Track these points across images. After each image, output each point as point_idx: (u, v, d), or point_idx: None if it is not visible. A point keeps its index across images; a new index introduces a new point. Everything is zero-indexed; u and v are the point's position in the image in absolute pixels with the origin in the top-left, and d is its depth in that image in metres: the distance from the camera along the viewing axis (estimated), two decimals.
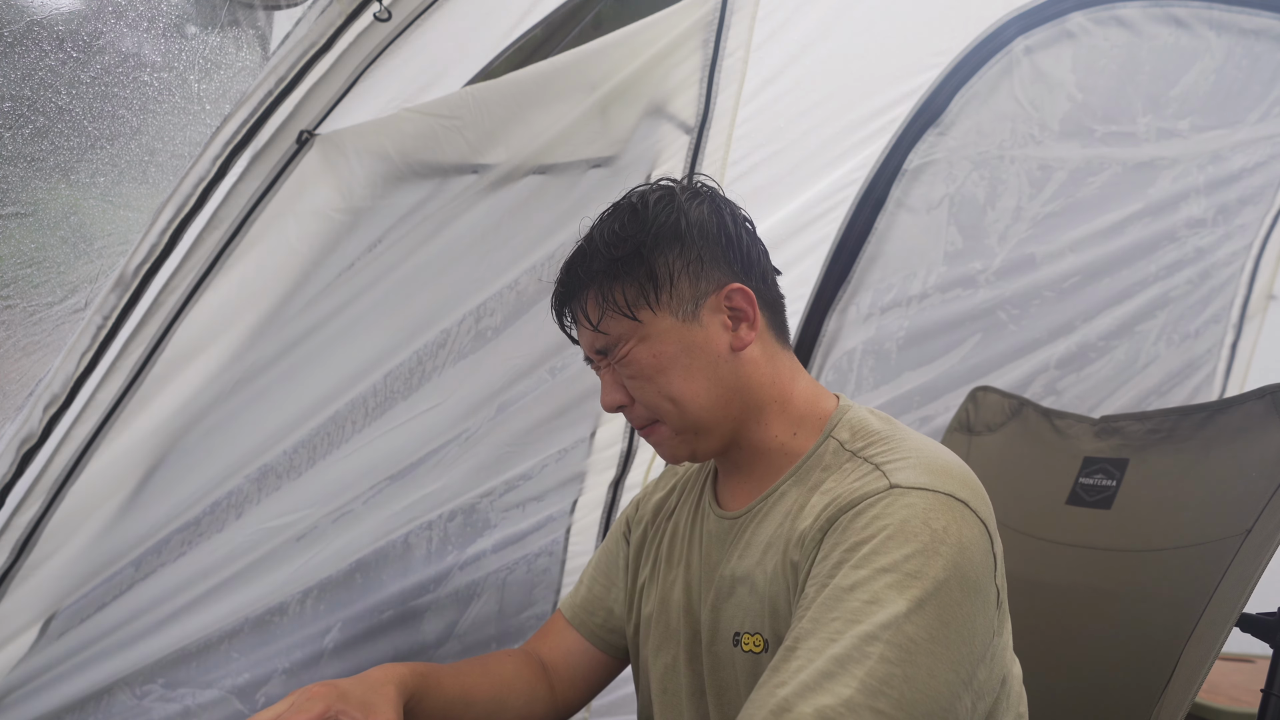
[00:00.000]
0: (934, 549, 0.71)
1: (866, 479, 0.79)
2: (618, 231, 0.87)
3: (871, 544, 0.72)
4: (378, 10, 1.16)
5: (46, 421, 1.15)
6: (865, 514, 0.74)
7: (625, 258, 0.85)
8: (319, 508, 1.40)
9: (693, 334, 0.86)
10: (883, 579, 0.70)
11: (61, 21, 1.00)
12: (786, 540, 0.82)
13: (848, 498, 0.78)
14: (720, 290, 0.87)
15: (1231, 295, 2.19)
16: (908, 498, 0.74)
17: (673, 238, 0.86)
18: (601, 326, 0.87)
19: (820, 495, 0.82)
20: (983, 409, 1.45)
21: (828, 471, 0.85)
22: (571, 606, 1.13)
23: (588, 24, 1.42)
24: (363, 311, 1.34)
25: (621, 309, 0.85)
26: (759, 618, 0.83)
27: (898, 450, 0.81)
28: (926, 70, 1.73)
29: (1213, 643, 0.91)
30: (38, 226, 1.06)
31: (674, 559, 0.99)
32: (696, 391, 0.86)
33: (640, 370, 0.86)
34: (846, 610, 0.70)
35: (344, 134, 1.24)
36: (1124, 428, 1.24)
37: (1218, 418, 1.13)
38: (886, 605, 0.68)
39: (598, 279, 0.87)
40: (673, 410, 0.87)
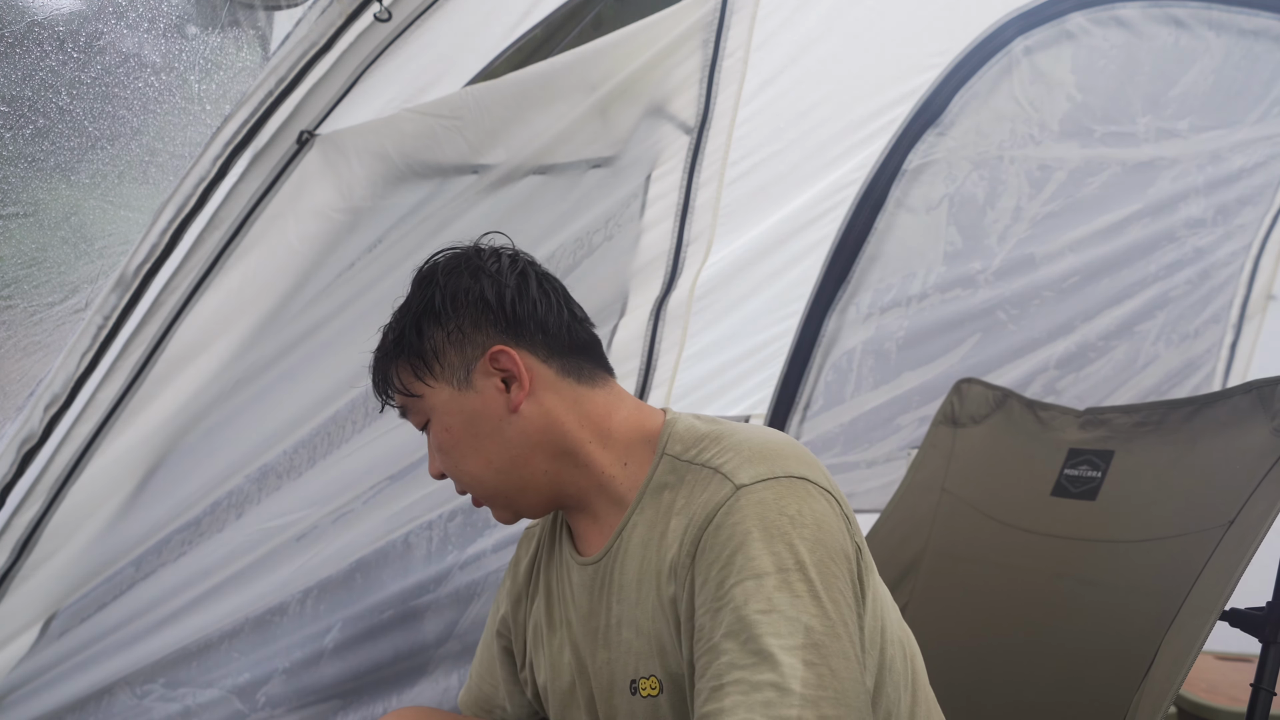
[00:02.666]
0: (797, 535, 0.72)
1: (711, 487, 0.78)
2: (395, 318, 0.91)
3: (742, 552, 0.72)
4: (378, 10, 1.16)
5: (47, 421, 1.15)
6: (724, 525, 0.74)
7: (399, 337, 0.88)
8: (319, 508, 1.40)
9: (470, 401, 0.86)
10: (768, 583, 0.70)
11: (62, 22, 1.00)
12: (657, 574, 0.80)
13: (702, 513, 0.77)
14: (485, 354, 0.86)
15: (1231, 295, 2.19)
16: (755, 494, 0.74)
17: (432, 313, 0.87)
18: (397, 402, 0.90)
19: (676, 518, 0.80)
20: (967, 401, 1.45)
21: (674, 490, 0.83)
22: (469, 705, 1.10)
23: (588, 24, 1.43)
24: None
25: (398, 387, 0.89)
26: (649, 659, 0.81)
27: (728, 447, 0.81)
28: (926, 70, 1.73)
29: (1195, 633, 0.92)
30: (38, 227, 1.07)
31: (554, 622, 0.95)
32: (488, 460, 0.87)
33: (439, 444, 0.89)
34: (751, 629, 0.69)
35: (344, 134, 1.24)
36: (1110, 419, 1.24)
37: (1205, 411, 1.13)
38: (783, 609, 0.69)
39: (381, 363, 0.91)
40: (472, 483, 0.89)
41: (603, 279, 1.53)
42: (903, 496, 1.43)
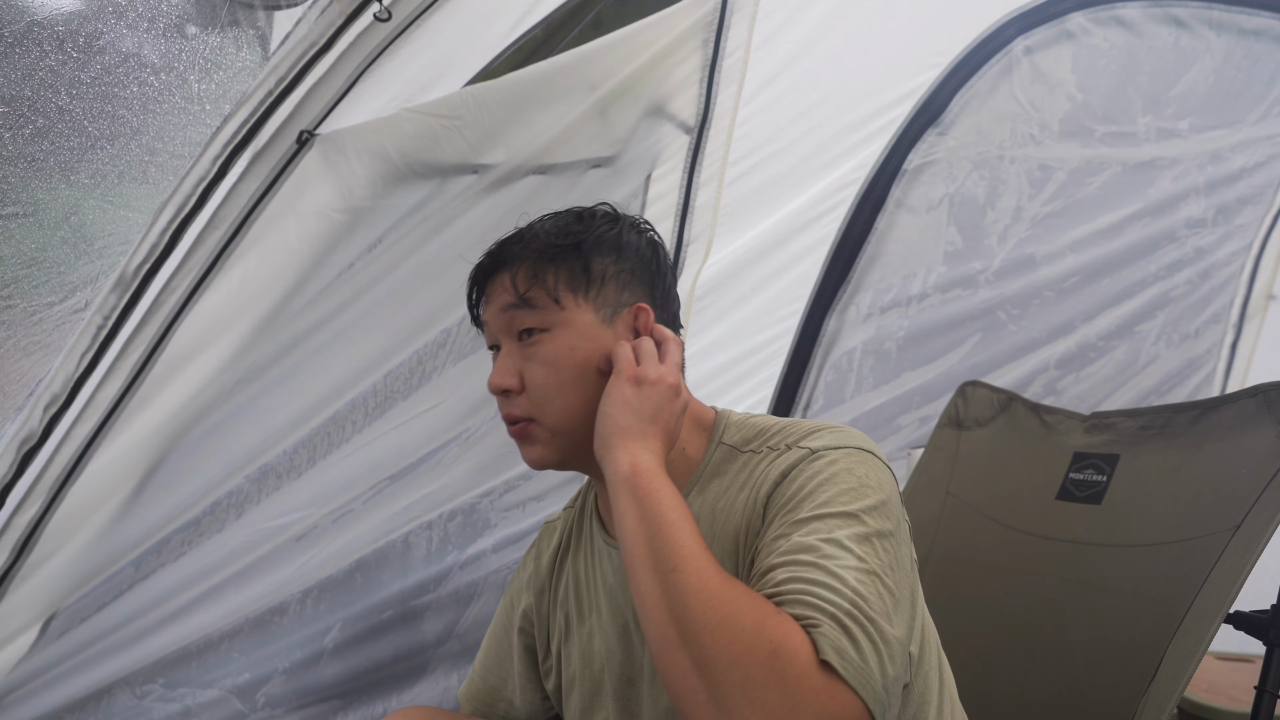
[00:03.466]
0: (867, 496, 0.76)
1: (782, 456, 0.82)
2: (561, 227, 0.91)
3: (813, 498, 0.75)
4: (378, 10, 1.16)
5: (47, 421, 1.15)
6: (798, 477, 0.78)
7: (566, 247, 0.89)
8: (319, 508, 1.40)
9: (604, 339, 0.88)
10: (834, 523, 0.72)
11: (62, 22, 1.00)
12: (721, 549, 0.82)
13: (776, 472, 0.80)
14: (632, 306, 0.90)
15: (1231, 295, 2.19)
16: (828, 456, 0.79)
17: (612, 246, 0.91)
18: (529, 298, 0.87)
19: (742, 493, 0.84)
20: (971, 404, 1.45)
21: (733, 475, 0.86)
22: (471, 699, 1.09)
23: (588, 24, 1.42)
24: (363, 311, 1.34)
25: (550, 289, 0.87)
26: None
27: (791, 429, 0.86)
28: (926, 70, 1.73)
29: (1200, 637, 0.91)
30: (38, 227, 1.06)
31: (584, 610, 0.96)
32: (586, 398, 0.86)
33: (551, 357, 0.86)
34: (814, 551, 0.70)
35: (344, 134, 1.24)
36: (1116, 424, 1.24)
37: (1210, 415, 1.13)
38: (850, 548, 0.71)
39: (534, 257, 0.89)
40: (559, 410, 0.87)
41: None
42: (907, 499, 1.43)
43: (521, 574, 1.08)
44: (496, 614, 1.10)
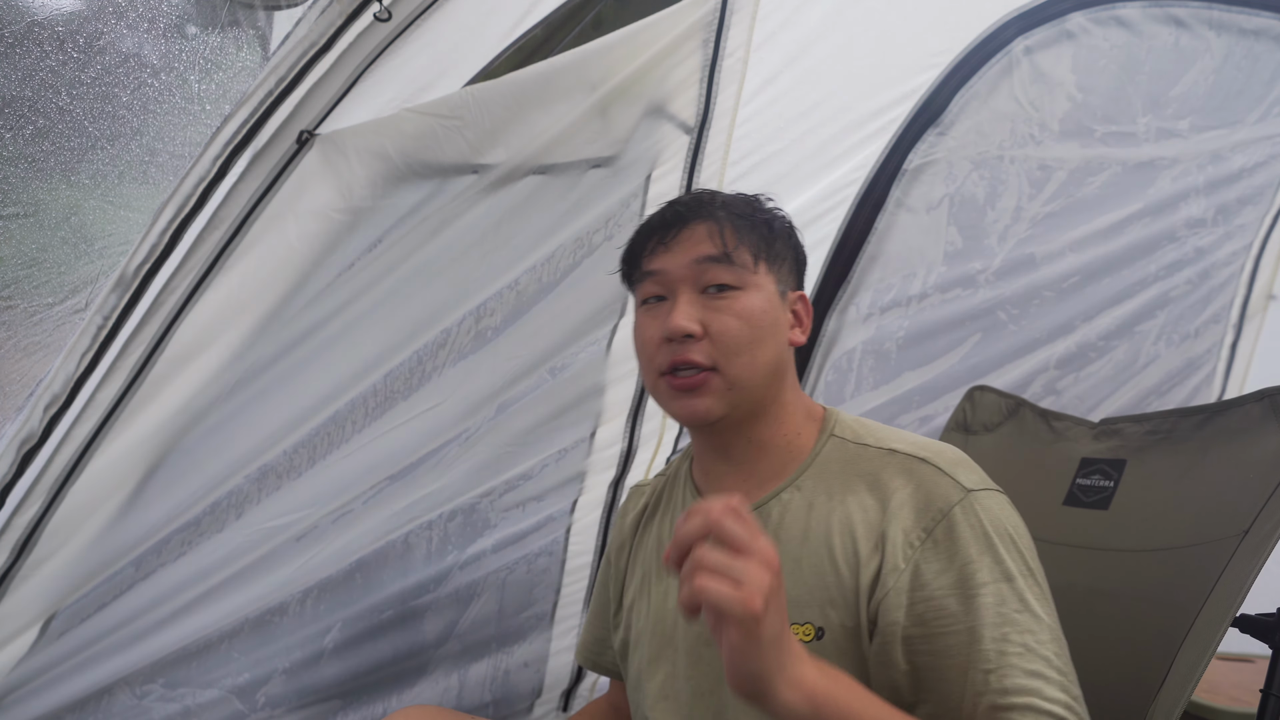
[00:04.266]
0: (1023, 546, 0.84)
1: (928, 478, 0.86)
2: (751, 202, 0.98)
3: (990, 554, 0.82)
4: (378, 10, 1.16)
5: (47, 421, 1.15)
6: (962, 523, 0.83)
7: (762, 220, 0.96)
8: (319, 508, 1.40)
9: (780, 309, 0.95)
10: (1018, 584, 0.81)
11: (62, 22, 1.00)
12: (844, 534, 0.87)
13: (928, 502, 0.85)
14: (795, 290, 0.99)
15: (1231, 295, 2.19)
16: (984, 501, 0.85)
17: (789, 233, 1.00)
18: (733, 254, 0.92)
19: (870, 495, 0.88)
20: (980, 409, 1.45)
21: (851, 465, 0.91)
22: (582, 651, 1.21)
23: (587, 24, 1.42)
24: (363, 312, 1.34)
25: (750, 248, 0.93)
26: (806, 609, 0.87)
27: (911, 441, 0.91)
28: (926, 70, 1.73)
29: (1208, 643, 0.91)
30: (38, 227, 1.07)
31: (665, 569, 0.98)
32: (769, 357, 0.92)
33: (746, 312, 0.91)
34: (1013, 625, 0.79)
35: (344, 134, 1.24)
36: (1122, 429, 1.24)
37: (1216, 419, 1.13)
38: (1034, 608, 0.80)
39: (735, 220, 0.94)
40: (745, 363, 0.90)
41: (603, 279, 1.53)
42: None
43: (612, 543, 1.16)
44: (599, 572, 1.19)
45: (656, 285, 0.95)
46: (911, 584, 0.82)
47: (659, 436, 1.76)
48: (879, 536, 0.85)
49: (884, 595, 0.83)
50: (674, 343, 0.91)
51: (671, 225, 0.94)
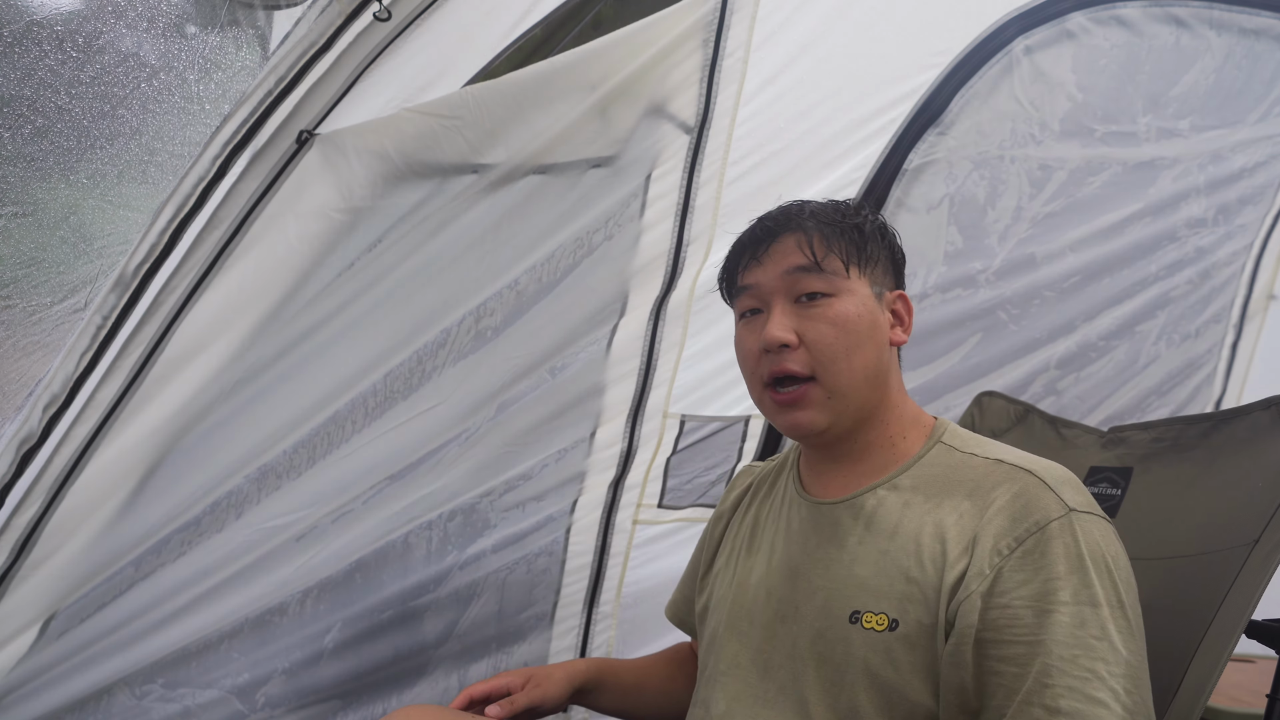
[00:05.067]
0: (1119, 576, 0.82)
1: (1030, 490, 0.85)
2: (839, 208, 0.99)
3: (1079, 575, 0.80)
4: (377, 10, 1.16)
5: (46, 421, 1.15)
6: (1058, 540, 0.81)
7: (851, 225, 0.96)
8: (319, 508, 1.40)
9: (876, 312, 0.95)
10: (1102, 613, 0.79)
11: (61, 22, 1.00)
12: (936, 534, 0.87)
13: (1026, 512, 0.84)
14: (893, 290, 1.00)
15: (1232, 295, 2.19)
16: (1085, 524, 0.83)
17: (883, 232, 1.00)
18: (823, 262, 0.93)
19: (971, 500, 0.88)
20: (988, 414, 1.44)
21: (953, 471, 0.92)
22: (672, 607, 1.26)
23: (587, 24, 1.42)
24: (363, 311, 1.34)
25: (840, 255, 0.94)
26: (884, 599, 0.88)
27: (1023, 457, 0.90)
28: (926, 70, 1.73)
29: (1222, 652, 0.90)
30: (37, 226, 1.07)
31: (755, 547, 1.05)
32: (868, 361, 0.93)
33: (841, 319, 0.92)
34: (1088, 650, 0.77)
35: (344, 134, 1.24)
36: (1129, 437, 1.23)
37: (1223, 427, 1.12)
38: (1113, 639, 0.78)
39: (823, 228, 0.95)
40: (843, 370, 0.92)
41: (602, 279, 1.53)
42: None
43: (719, 505, 1.20)
44: (704, 532, 1.23)
45: (752, 299, 0.98)
46: (991, 589, 0.82)
47: (659, 436, 1.76)
48: (970, 540, 0.85)
49: (965, 597, 0.83)
50: (772, 354, 0.93)
51: (762, 240, 0.97)
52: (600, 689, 1.15)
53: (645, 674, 1.21)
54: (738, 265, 1.00)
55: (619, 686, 1.17)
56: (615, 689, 1.16)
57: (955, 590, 0.84)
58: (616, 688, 1.16)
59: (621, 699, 1.17)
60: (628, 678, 1.19)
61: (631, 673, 1.20)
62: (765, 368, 0.94)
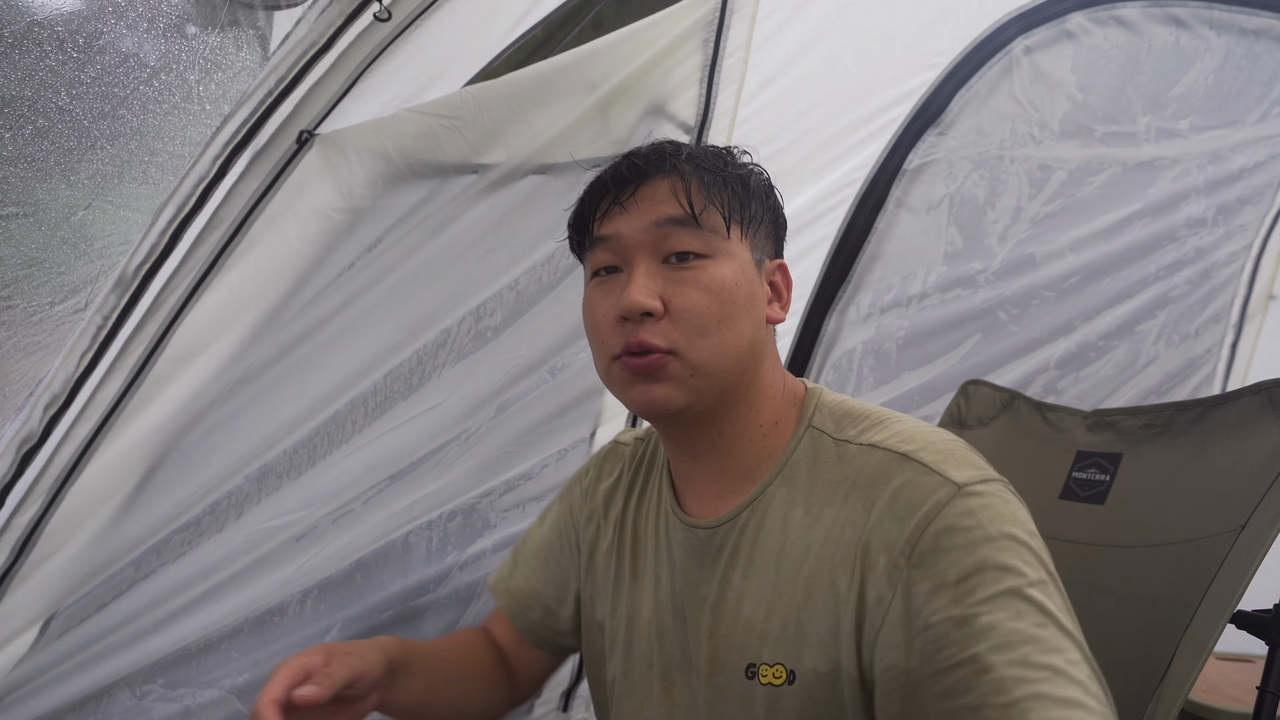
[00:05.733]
0: (1036, 544, 0.70)
1: (913, 480, 0.71)
2: (720, 155, 0.83)
3: (994, 562, 0.67)
4: (378, 10, 1.16)
5: (46, 421, 1.15)
6: (958, 528, 0.68)
7: (735, 176, 0.80)
8: (319, 508, 1.40)
9: (755, 281, 0.81)
10: (1034, 594, 0.66)
11: (62, 22, 1.00)
12: (821, 560, 0.74)
13: (915, 508, 0.70)
14: (773, 259, 0.85)
15: (1231, 295, 2.19)
16: (981, 498, 0.70)
17: (766, 193, 0.84)
18: (702, 219, 0.77)
19: (850, 505, 0.74)
20: (974, 403, 1.44)
21: (830, 469, 0.77)
22: (507, 596, 1.04)
23: (587, 24, 1.42)
24: (363, 311, 1.34)
25: (721, 209, 0.78)
26: (780, 647, 0.75)
27: (902, 434, 0.76)
28: (926, 70, 1.73)
29: (1206, 640, 0.91)
30: (38, 227, 1.06)
31: (639, 570, 0.90)
32: (740, 339, 0.78)
33: (716, 285, 0.76)
34: (1033, 643, 0.64)
35: (344, 134, 1.24)
36: (1117, 422, 1.23)
37: (1213, 413, 1.12)
38: (1058, 619, 0.66)
39: (702, 175, 0.79)
40: (712, 345, 0.76)
41: None
42: None
43: (571, 491, 1.02)
44: (550, 515, 1.04)
45: (610, 254, 0.80)
46: (904, 614, 0.68)
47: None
48: (858, 560, 0.71)
49: (875, 635, 0.69)
50: (631, 323, 0.77)
51: (628, 181, 0.80)
52: (408, 669, 0.93)
53: (443, 660, 1.01)
54: (594, 210, 0.82)
55: (425, 667, 0.96)
56: (422, 671, 0.95)
57: (859, 628, 0.71)
58: (423, 669, 0.96)
59: (427, 687, 0.95)
60: (432, 658, 0.99)
61: (434, 655, 1.00)
62: (619, 339, 0.78)
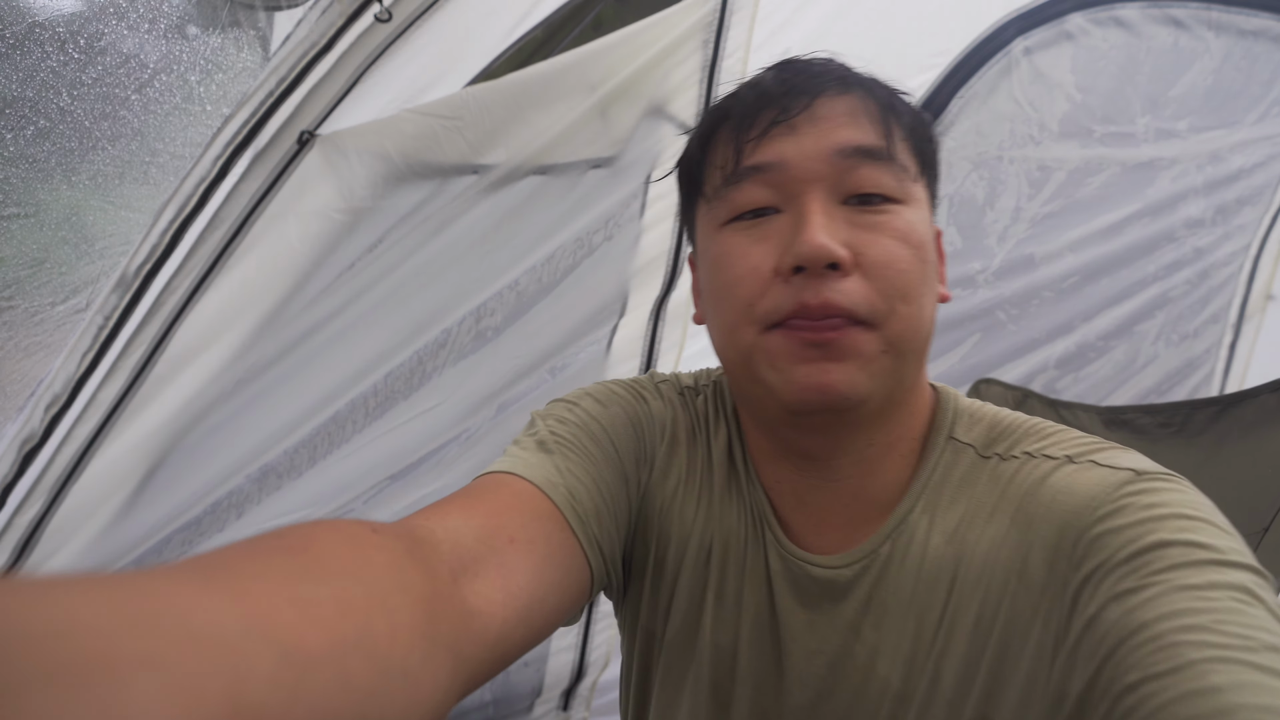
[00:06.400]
0: (1235, 533, 0.51)
1: (1078, 477, 0.55)
2: (891, 86, 0.64)
3: (1185, 536, 0.49)
4: (378, 11, 1.17)
5: (48, 421, 1.15)
6: (1135, 505, 0.52)
7: (922, 116, 0.65)
8: (319, 507, 1.40)
9: (933, 243, 0.63)
10: (1237, 573, 0.47)
11: (63, 23, 1.00)
12: (965, 591, 0.58)
13: (1080, 503, 0.54)
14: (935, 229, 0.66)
15: (1230, 295, 2.19)
16: (1166, 483, 0.54)
17: (938, 147, 0.66)
18: (894, 150, 0.59)
19: (996, 524, 0.58)
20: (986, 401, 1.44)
21: (970, 487, 0.61)
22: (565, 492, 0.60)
23: (588, 25, 1.43)
24: (363, 311, 1.34)
25: (913, 144, 0.61)
26: (909, 706, 0.60)
27: (1067, 439, 0.60)
28: (926, 70, 1.73)
29: None
30: (39, 227, 1.07)
31: (724, 594, 0.68)
32: (932, 309, 0.61)
33: (917, 239, 0.58)
34: (1239, 616, 0.45)
35: (345, 134, 1.24)
36: (1133, 420, 1.23)
37: (1230, 411, 1.11)
38: (1267, 600, 0.46)
39: (892, 101, 0.61)
40: (908, 314, 0.58)
41: (602, 279, 1.53)
42: None
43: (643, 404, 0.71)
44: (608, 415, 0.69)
45: (766, 188, 0.59)
46: (1058, 631, 0.52)
47: None
48: (1016, 586, 0.56)
49: (1062, 661, 0.51)
50: (808, 276, 0.56)
51: (800, 93, 0.59)
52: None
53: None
54: (746, 130, 0.59)
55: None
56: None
57: (1054, 658, 0.52)
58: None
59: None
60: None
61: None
62: (785, 299, 0.56)
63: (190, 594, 0.29)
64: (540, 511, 0.57)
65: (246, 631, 0.28)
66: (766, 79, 0.62)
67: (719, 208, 0.62)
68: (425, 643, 0.38)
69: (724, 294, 0.61)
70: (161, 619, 0.26)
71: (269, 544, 0.36)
